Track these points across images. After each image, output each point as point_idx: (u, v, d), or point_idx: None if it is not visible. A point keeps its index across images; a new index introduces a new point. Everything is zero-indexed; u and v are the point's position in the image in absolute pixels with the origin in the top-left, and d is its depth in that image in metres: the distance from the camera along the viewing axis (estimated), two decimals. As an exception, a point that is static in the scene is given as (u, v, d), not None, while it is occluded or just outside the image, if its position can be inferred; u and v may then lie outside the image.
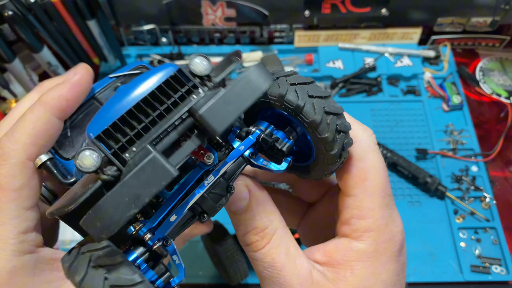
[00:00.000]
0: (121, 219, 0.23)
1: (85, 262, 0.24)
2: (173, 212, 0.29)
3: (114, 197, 0.23)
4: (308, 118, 0.29)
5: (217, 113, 0.25)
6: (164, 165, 0.24)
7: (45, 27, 0.78)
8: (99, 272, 0.24)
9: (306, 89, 0.29)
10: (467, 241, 0.73)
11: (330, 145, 0.30)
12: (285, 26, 0.96)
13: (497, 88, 0.92)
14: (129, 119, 0.26)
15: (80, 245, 0.26)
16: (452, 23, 0.94)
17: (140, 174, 0.24)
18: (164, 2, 0.90)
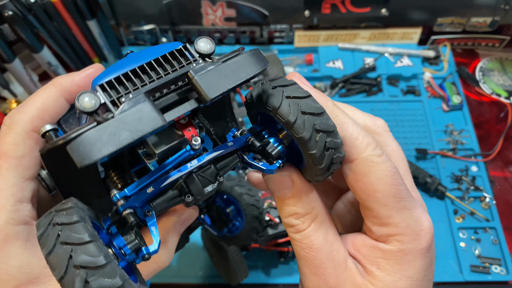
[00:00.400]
0: (102, 151, 0.24)
1: (54, 236, 0.25)
2: (151, 185, 0.30)
3: (101, 131, 0.25)
4: (297, 134, 0.30)
5: (211, 80, 0.27)
6: (153, 112, 0.26)
7: (45, 27, 0.78)
8: (55, 229, 0.25)
9: (300, 104, 0.30)
10: (467, 241, 0.73)
11: (317, 160, 0.30)
12: (285, 26, 0.96)
13: (497, 88, 0.92)
14: (132, 76, 0.28)
15: (56, 210, 0.27)
16: (452, 23, 0.94)
17: (129, 116, 0.25)
18: (164, 2, 0.90)
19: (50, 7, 0.75)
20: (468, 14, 0.92)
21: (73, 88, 0.36)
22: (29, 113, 0.35)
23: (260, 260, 0.71)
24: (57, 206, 0.27)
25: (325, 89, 0.92)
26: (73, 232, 0.25)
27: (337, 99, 0.91)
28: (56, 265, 0.24)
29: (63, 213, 0.26)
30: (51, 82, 0.36)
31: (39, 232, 0.25)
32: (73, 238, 0.24)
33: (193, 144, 0.31)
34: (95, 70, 0.37)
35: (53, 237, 0.24)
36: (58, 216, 0.26)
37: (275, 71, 0.81)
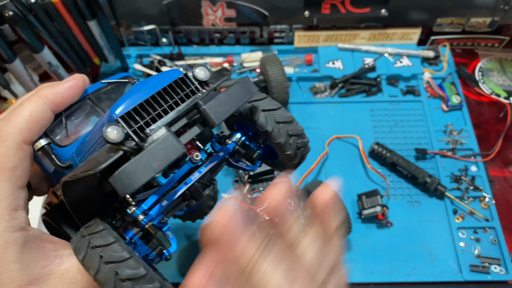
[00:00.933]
0: (140, 180, 0.29)
1: (85, 244, 0.30)
2: (164, 198, 0.36)
3: (137, 162, 0.29)
4: (275, 140, 0.37)
5: (216, 109, 0.33)
6: (176, 142, 0.31)
7: (46, 28, 0.78)
8: (96, 252, 0.30)
9: (274, 115, 0.37)
10: (467, 240, 0.73)
11: (292, 158, 0.38)
12: (285, 27, 0.96)
13: (496, 88, 0.92)
14: (146, 107, 0.32)
15: (84, 228, 0.32)
16: (451, 24, 0.94)
17: (157, 147, 0.30)
18: (164, 3, 0.91)
19: (51, 8, 0.76)
20: (468, 15, 0.92)
21: (58, 100, 0.38)
22: (18, 125, 0.37)
23: (260, 259, 0.71)
24: (88, 229, 0.32)
25: (325, 89, 0.93)
26: (113, 252, 0.30)
27: (337, 99, 0.91)
28: (105, 282, 0.29)
29: (98, 236, 0.31)
30: (36, 94, 0.38)
31: (81, 255, 0.30)
32: (115, 257, 0.29)
33: (194, 159, 0.37)
34: (76, 80, 0.40)
35: (96, 258, 0.29)
36: (95, 239, 0.31)
37: (275, 71, 0.82)
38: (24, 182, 0.37)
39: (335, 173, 0.81)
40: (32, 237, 0.37)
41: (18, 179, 0.36)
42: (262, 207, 0.62)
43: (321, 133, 0.86)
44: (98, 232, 0.31)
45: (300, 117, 0.89)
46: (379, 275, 0.70)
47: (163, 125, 0.32)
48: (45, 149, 0.38)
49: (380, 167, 0.82)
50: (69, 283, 0.36)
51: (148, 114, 0.32)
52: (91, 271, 0.29)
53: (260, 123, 0.36)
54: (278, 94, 0.82)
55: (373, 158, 0.82)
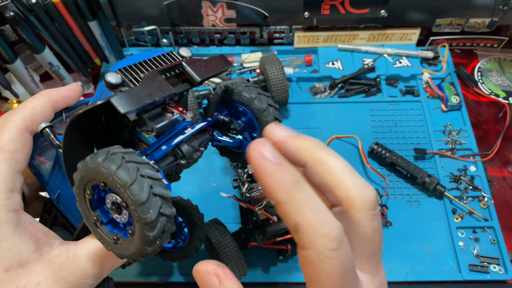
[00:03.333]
0: (140, 103, 0.32)
1: (119, 157, 0.31)
2: (164, 143, 0.39)
3: (136, 91, 0.33)
4: (257, 106, 0.42)
5: (198, 69, 0.38)
6: (167, 84, 0.36)
7: (47, 28, 0.78)
8: (133, 166, 0.31)
9: (256, 89, 0.43)
10: (466, 240, 0.73)
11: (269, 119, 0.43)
12: (285, 27, 0.97)
13: (495, 89, 0.92)
14: (140, 66, 0.36)
15: (103, 150, 0.32)
16: (450, 24, 0.95)
17: (154, 83, 0.35)
18: (165, 3, 0.91)
19: (52, 8, 0.76)
20: (467, 15, 0.92)
21: (59, 98, 0.43)
22: (22, 114, 0.41)
23: (259, 258, 0.72)
24: (115, 149, 0.32)
25: (325, 89, 0.93)
26: (149, 169, 0.31)
27: (337, 100, 0.91)
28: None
29: (131, 152, 0.32)
30: (40, 93, 0.43)
31: (116, 165, 0.30)
32: (151, 174, 0.31)
33: (187, 117, 0.41)
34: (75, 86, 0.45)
35: (134, 170, 0.30)
36: (129, 155, 0.31)
37: (275, 71, 0.82)
38: (22, 167, 0.40)
39: (334, 173, 0.81)
40: (25, 221, 0.38)
41: (17, 163, 0.39)
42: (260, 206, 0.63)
43: (321, 133, 0.86)
44: (127, 153, 0.32)
45: (300, 117, 0.89)
46: (379, 274, 0.70)
47: (155, 71, 0.36)
48: (46, 131, 0.41)
49: (380, 167, 0.82)
50: (57, 269, 0.37)
51: (141, 72, 0.36)
52: (129, 179, 0.30)
53: (245, 93, 0.42)
54: (277, 94, 0.83)
55: (373, 158, 0.83)
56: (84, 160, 0.32)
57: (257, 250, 0.72)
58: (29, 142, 0.41)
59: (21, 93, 0.87)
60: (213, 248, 0.63)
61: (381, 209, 0.73)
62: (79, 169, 0.33)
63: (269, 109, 0.43)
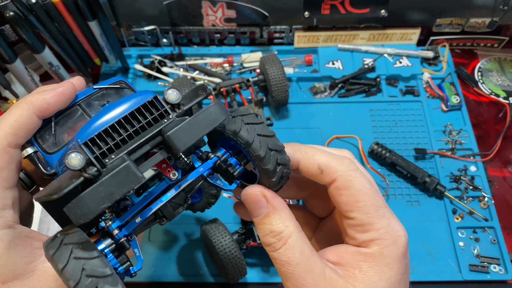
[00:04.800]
0: (96, 209, 0.29)
1: (67, 253, 0.29)
2: (138, 215, 0.36)
3: (93, 192, 0.29)
4: (255, 152, 0.36)
5: (181, 136, 0.32)
6: (135, 171, 0.31)
7: (46, 28, 0.78)
8: (79, 263, 0.29)
9: (256, 128, 0.36)
10: (466, 240, 0.73)
11: (271, 174, 0.37)
12: (285, 27, 0.96)
13: (495, 89, 0.92)
14: (111, 132, 0.32)
15: (62, 234, 0.31)
16: (450, 24, 0.94)
17: (115, 177, 0.30)
18: (165, 3, 0.91)
19: (51, 8, 0.76)
20: (467, 15, 0.92)
21: (44, 106, 0.39)
22: (3, 130, 0.38)
23: (259, 258, 0.72)
24: (68, 237, 0.31)
25: (325, 89, 0.93)
26: (96, 266, 0.30)
27: (337, 100, 0.91)
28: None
29: (80, 247, 0.30)
30: (24, 100, 0.39)
31: (62, 264, 0.29)
32: (98, 272, 0.29)
33: (171, 178, 0.36)
34: (65, 88, 0.40)
35: (78, 270, 0.29)
36: (77, 250, 0.30)
37: (275, 70, 0.82)
38: (11, 183, 0.38)
39: (334, 173, 0.81)
40: (20, 234, 0.38)
41: (4, 181, 0.38)
42: None
43: (321, 133, 0.86)
44: (80, 243, 0.30)
45: (300, 117, 0.89)
46: (379, 274, 0.70)
47: (124, 153, 0.32)
48: (31, 157, 0.39)
49: (380, 167, 0.82)
50: (52, 279, 0.38)
51: (113, 140, 0.32)
52: (71, 282, 0.29)
53: (242, 134, 0.36)
54: (277, 94, 0.83)
55: (373, 158, 0.83)
56: (43, 246, 0.32)
57: (257, 250, 0.72)
58: (15, 157, 0.39)
59: (21, 93, 0.87)
60: (213, 248, 0.63)
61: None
62: None
63: (269, 155, 0.36)
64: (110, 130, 0.32)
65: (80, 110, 0.42)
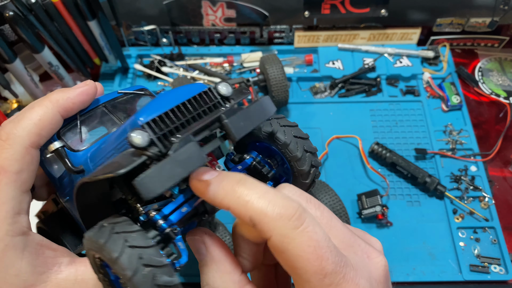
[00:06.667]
0: (164, 186, 0.29)
1: (121, 242, 0.29)
2: (184, 205, 0.35)
3: (161, 168, 0.29)
4: (292, 153, 0.37)
5: (237, 124, 0.33)
6: (200, 152, 0.31)
7: (46, 28, 0.78)
8: (134, 252, 0.28)
9: (292, 130, 0.38)
10: (466, 240, 0.73)
11: (306, 175, 0.38)
12: (285, 27, 0.96)
13: (496, 88, 0.92)
14: (171, 115, 0.32)
15: (110, 224, 0.31)
16: (451, 24, 0.94)
17: (182, 155, 0.30)
18: (165, 3, 0.91)
19: (51, 8, 0.76)
20: (468, 15, 0.92)
21: (69, 105, 0.38)
22: (27, 129, 0.36)
23: (260, 259, 0.71)
24: (119, 226, 0.30)
25: (325, 89, 0.93)
26: (152, 255, 0.29)
27: (337, 100, 0.91)
28: (141, 286, 0.28)
29: (134, 235, 0.30)
30: (47, 98, 0.38)
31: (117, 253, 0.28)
32: (155, 262, 0.29)
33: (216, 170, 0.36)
34: (88, 87, 0.40)
35: (134, 259, 0.28)
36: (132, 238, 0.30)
37: (275, 70, 0.82)
38: (29, 186, 0.37)
39: (335, 173, 0.81)
40: (32, 242, 0.36)
41: (23, 183, 0.36)
42: None
43: (321, 133, 0.86)
44: (133, 231, 0.30)
45: (300, 117, 0.89)
46: (379, 274, 0.70)
47: (188, 133, 0.32)
48: (59, 151, 0.37)
49: (380, 167, 0.82)
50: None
51: (172, 123, 0.32)
52: (128, 272, 0.28)
53: (279, 136, 0.37)
54: (277, 94, 0.83)
55: (373, 158, 0.82)
56: (87, 237, 0.31)
57: (257, 251, 0.71)
58: (36, 159, 0.37)
59: (21, 93, 0.86)
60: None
61: (381, 209, 0.73)
62: (85, 245, 0.32)
63: (305, 156, 0.37)
64: (170, 114, 0.32)
65: (106, 111, 0.42)
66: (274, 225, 0.29)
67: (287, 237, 0.29)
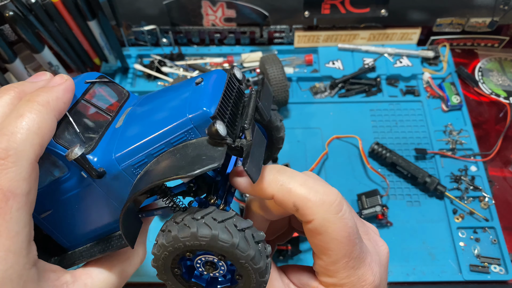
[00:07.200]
0: (259, 168, 0.33)
1: (232, 228, 0.31)
2: (231, 189, 0.38)
3: (254, 152, 0.32)
4: (273, 124, 0.43)
5: (264, 105, 0.38)
6: (262, 134, 0.36)
7: (46, 28, 0.78)
8: (247, 233, 0.32)
9: None
10: (466, 240, 0.73)
11: (282, 140, 0.45)
12: (285, 27, 0.96)
13: (496, 88, 0.92)
14: (224, 102, 0.34)
15: (202, 216, 0.32)
16: (451, 24, 0.94)
17: (256, 139, 0.34)
18: (165, 3, 0.91)
19: (51, 8, 0.76)
20: (467, 15, 0.92)
21: (61, 107, 0.34)
22: (29, 141, 0.31)
23: (260, 259, 0.71)
24: (220, 214, 0.33)
25: (325, 89, 0.93)
26: (256, 232, 0.33)
27: (337, 100, 0.91)
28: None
29: (235, 219, 0.33)
30: (35, 102, 0.32)
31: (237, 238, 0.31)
32: (260, 237, 0.33)
33: None
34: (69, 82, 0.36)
35: (250, 239, 0.32)
36: (239, 221, 0.33)
37: (275, 70, 0.82)
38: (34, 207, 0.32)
39: (335, 173, 0.81)
40: (41, 270, 0.34)
41: (32, 204, 0.32)
42: None
43: (321, 133, 0.86)
44: (232, 217, 0.32)
45: (300, 117, 0.89)
46: (379, 274, 0.70)
47: (251, 119, 0.35)
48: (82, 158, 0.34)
49: (380, 167, 0.82)
50: None
51: (227, 110, 0.34)
52: (251, 251, 0.31)
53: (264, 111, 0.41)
54: (277, 94, 0.83)
55: (373, 158, 0.82)
56: (166, 237, 0.33)
57: (257, 251, 0.71)
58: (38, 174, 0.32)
59: (21, 93, 0.86)
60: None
61: (381, 209, 0.73)
62: (162, 247, 0.33)
63: (281, 126, 0.43)
64: (223, 101, 0.34)
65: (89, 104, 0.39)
66: (317, 210, 0.33)
67: (328, 221, 0.33)
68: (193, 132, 0.33)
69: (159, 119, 0.35)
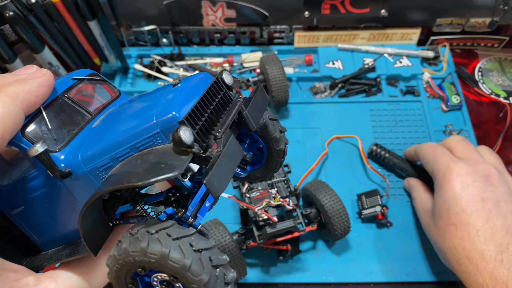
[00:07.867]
0: (226, 182, 0.30)
1: (187, 247, 0.28)
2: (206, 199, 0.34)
3: (220, 165, 0.30)
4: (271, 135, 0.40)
5: (252, 114, 0.35)
6: (239, 144, 0.33)
7: (46, 28, 0.78)
8: (205, 256, 0.29)
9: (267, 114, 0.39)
10: (466, 240, 0.73)
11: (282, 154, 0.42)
12: (285, 27, 0.96)
13: (496, 88, 0.92)
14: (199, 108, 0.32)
15: (157, 231, 0.29)
16: (451, 24, 0.94)
17: (229, 150, 0.31)
18: (165, 3, 0.91)
19: (51, 8, 0.76)
20: (467, 15, 0.92)
21: (31, 100, 0.33)
22: None
23: (259, 258, 0.71)
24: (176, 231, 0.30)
25: (325, 89, 0.93)
26: (218, 255, 0.30)
27: (337, 100, 0.91)
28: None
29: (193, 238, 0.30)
30: (4, 93, 0.31)
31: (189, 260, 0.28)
32: (221, 260, 0.30)
33: None
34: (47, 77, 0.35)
35: (207, 263, 0.29)
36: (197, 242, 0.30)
37: (275, 70, 0.82)
38: None
39: (335, 173, 0.81)
40: None
41: None
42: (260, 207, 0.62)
43: (321, 133, 0.86)
44: (190, 235, 0.29)
45: (300, 117, 0.89)
46: (379, 274, 0.70)
47: (226, 128, 0.32)
48: (44, 155, 0.32)
49: (380, 167, 0.82)
50: None
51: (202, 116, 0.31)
52: (205, 276, 0.28)
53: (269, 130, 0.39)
54: (277, 94, 0.83)
55: (372, 159, 0.82)
56: (118, 249, 0.30)
57: (257, 250, 0.71)
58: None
59: (21, 93, 0.86)
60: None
61: (381, 209, 0.73)
62: (114, 259, 0.30)
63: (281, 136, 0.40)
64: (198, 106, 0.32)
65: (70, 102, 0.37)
66: None
67: (420, 148, 0.73)
68: (160, 137, 0.31)
69: (128, 121, 0.33)
